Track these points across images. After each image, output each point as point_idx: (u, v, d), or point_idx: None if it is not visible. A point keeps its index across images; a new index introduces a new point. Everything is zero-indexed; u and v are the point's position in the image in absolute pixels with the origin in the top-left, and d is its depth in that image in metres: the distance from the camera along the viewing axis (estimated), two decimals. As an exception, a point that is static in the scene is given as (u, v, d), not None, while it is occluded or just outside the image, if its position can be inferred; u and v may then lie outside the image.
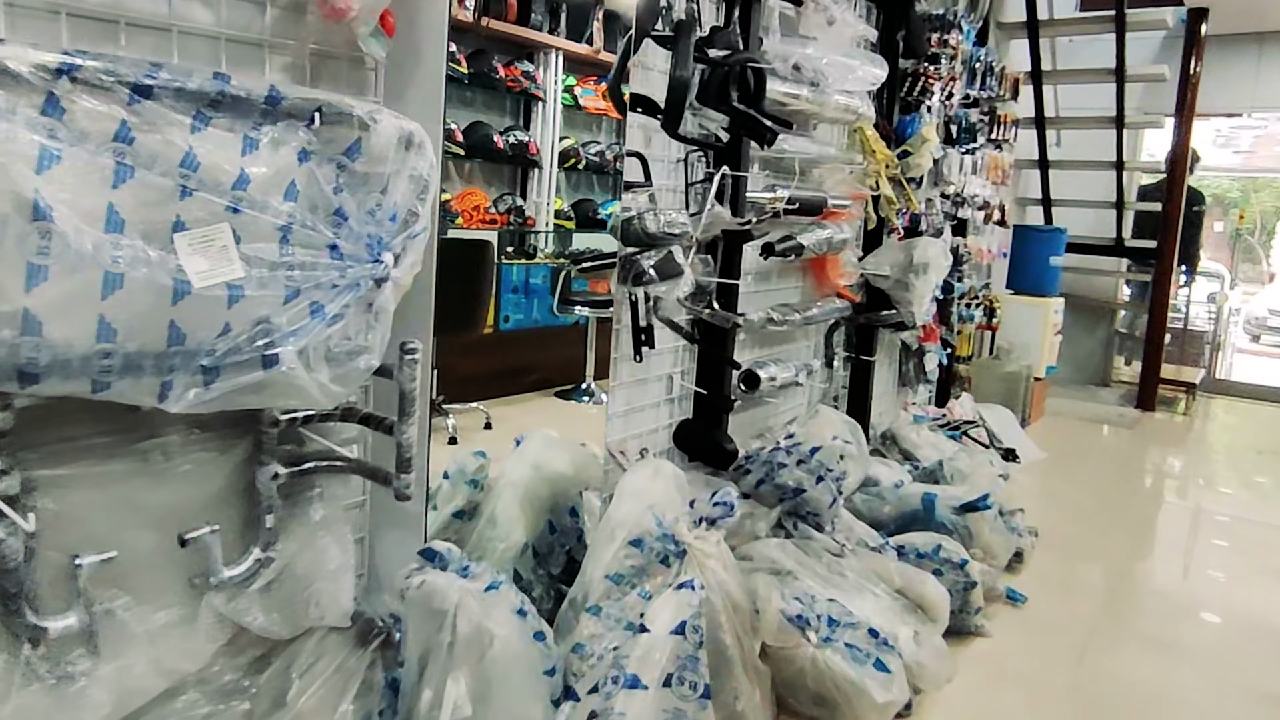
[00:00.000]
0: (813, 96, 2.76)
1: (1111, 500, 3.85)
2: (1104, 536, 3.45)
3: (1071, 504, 3.76)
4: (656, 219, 2.07)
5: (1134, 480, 4.16)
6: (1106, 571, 3.02)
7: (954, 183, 3.80)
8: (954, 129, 3.96)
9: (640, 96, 2.08)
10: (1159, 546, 3.44)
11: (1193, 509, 3.95)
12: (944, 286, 3.89)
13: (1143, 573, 3.13)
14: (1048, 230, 4.92)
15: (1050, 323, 4.91)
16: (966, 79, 4.12)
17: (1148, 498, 3.98)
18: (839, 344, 3.47)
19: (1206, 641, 2.56)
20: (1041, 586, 2.75)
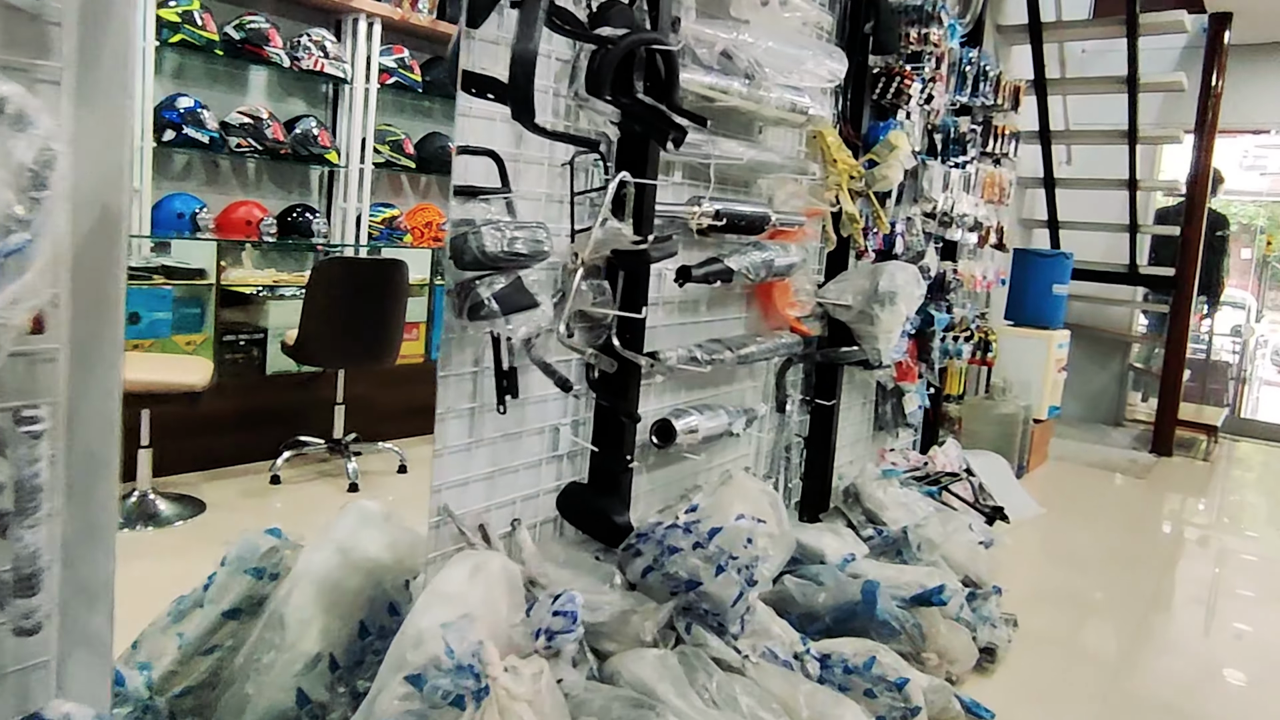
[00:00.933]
0: (748, 92, 2.28)
1: (1113, 572, 3.30)
2: (1101, 623, 2.91)
3: (1065, 577, 3.22)
4: (498, 235, 1.59)
5: (1142, 545, 3.61)
6: (1100, 674, 2.48)
7: (936, 199, 3.30)
8: (938, 139, 3.46)
9: (479, 76, 1.61)
10: (1169, 637, 2.89)
11: (1210, 585, 3.39)
12: (924, 318, 3.38)
13: (1146, 675, 2.58)
14: (1051, 255, 4.40)
15: (1053, 358, 4.38)
16: (956, 84, 3.63)
17: (1158, 568, 3.42)
18: (793, 386, 2.97)
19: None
20: (1017, 696, 2.22)
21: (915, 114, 3.28)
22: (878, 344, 2.77)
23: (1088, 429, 5.68)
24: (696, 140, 2.26)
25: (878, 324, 2.73)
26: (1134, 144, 4.46)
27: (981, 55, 3.74)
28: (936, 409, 4.13)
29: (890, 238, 3.21)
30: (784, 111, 2.41)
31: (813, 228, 2.75)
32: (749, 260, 2.33)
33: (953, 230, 3.71)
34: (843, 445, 3.44)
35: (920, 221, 3.48)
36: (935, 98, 3.17)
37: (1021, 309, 4.48)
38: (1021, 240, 5.32)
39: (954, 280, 3.85)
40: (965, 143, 3.66)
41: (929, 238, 3.54)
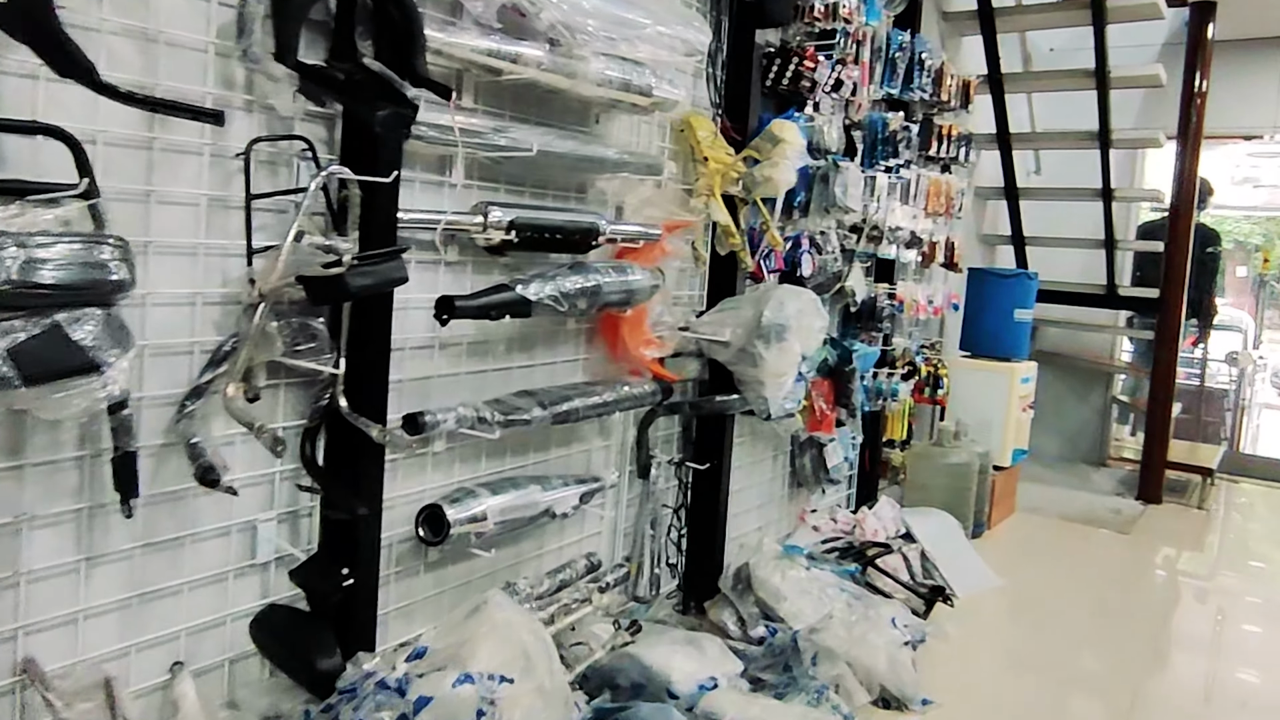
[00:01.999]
0: (552, 62, 1.70)
1: (1085, 672, 2.67)
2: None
3: (1020, 683, 2.58)
4: (19, 255, 0.99)
5: (1123, 630, 2.97)
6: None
7: (854, 209, 2.71)
8: (859, 137, 2.88)
9: None
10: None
11: (1210, 690, 2.76)
12: (841, 353, 2.78)
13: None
14: (1010, 275, 3.81)
15: (1016, 394, 3.77)
16: (885, 73, 3.06)
17: (1142, 666, 2.79)
18: (664, 443, 2.37)
19: None
20: None
21: (828, 106, 2.70)
22: (764, 390, 2.16)
23: (1066, 471, 5.06)
24: (478, 127, 1.67)
25: (762, 365, 2.13)
26: (1106, 149, 3.88)
27: (917, 41, 3.16)
28: (874, 457, 3.51)
29: (796, 255, 2.61)
30: (612, 91, 1.82)
31: (676, 244, 2.16)
32: (558, 287, 1.73)
33: (885, 246, 3.11)
34: (748, 509, 2.83)
35: (838, 236, 2.88)
36: (847, 85, 2.58)
37: (978, 338, 3.89)
38: (984, 259, 4.73)
39: (889, 306, 3.25)
40: (897, 143, 3.07)
41: (851, 256, 2.94)
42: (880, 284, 3.36)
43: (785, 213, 2.74)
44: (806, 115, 2.64)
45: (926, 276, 3.91)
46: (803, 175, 2.59)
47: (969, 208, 4.40)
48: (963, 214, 3.87)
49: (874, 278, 3.41)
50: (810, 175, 2.66)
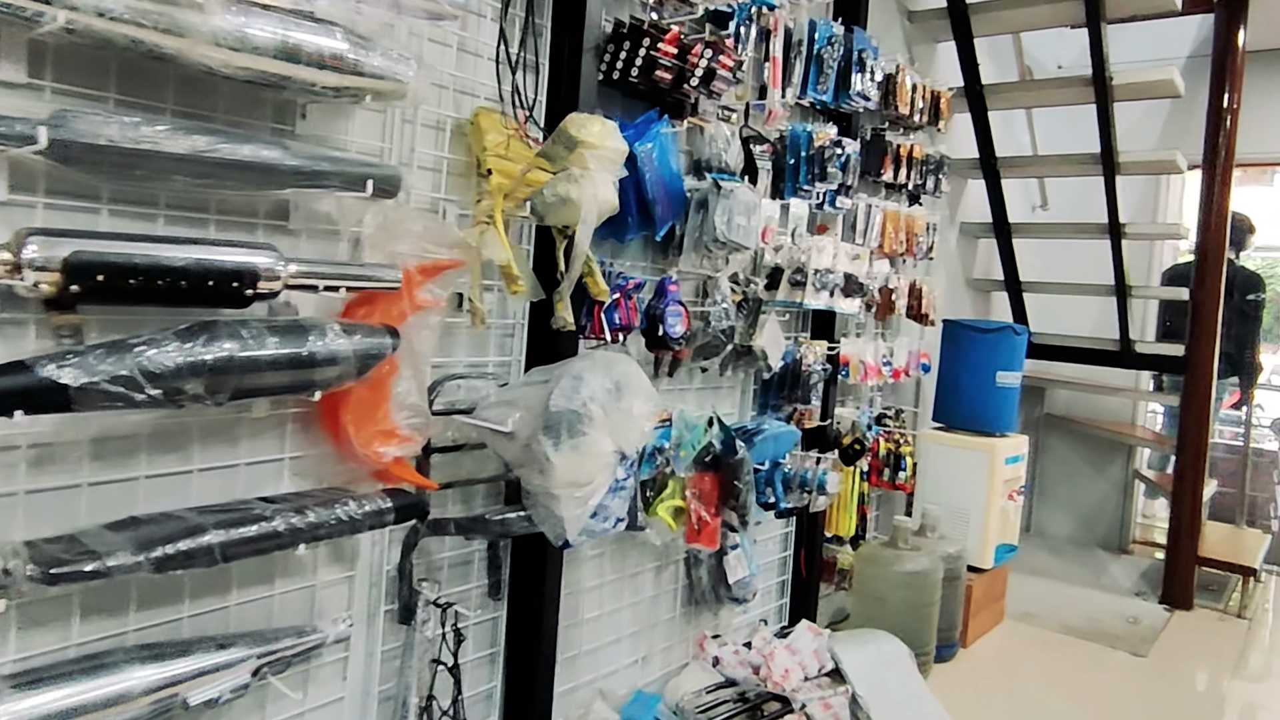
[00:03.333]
0: (134, 6, 1.08)
1: None
2: None
3: None
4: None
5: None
6: None
7: (741, 244, 2.04)
8: (761, 152, 2.22)
9: None
10: None
11: None
12: (724, 440, 2.09)
13: None
14: (990, 329, 3.10)
15: (999, 478, 3.03)
16: (810, 75, 2.41)
17: None
18: (420, 579, 1.70)
19: None
20: None
21: (712, 108, 2.06)
22: (556, 506, 1.49)
23: (1077, 559, 4.27)
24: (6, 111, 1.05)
25: (549, 472, 1.46)
26: (1112, 175, 3.18)
27: (857, 37, 2.52)
28: (812, 560, 2.80)
29: (660, 308, 1.95)
30: (259, 61, 1.19)
31: (435, 292, 1.51)
32: (137, 365, 1.09)
33: (812, 294, 2.44)
34: (618, 638, 2.14)
35: (743, 281, 2.22)
36: (720, 79, 1.93)
37: (954, 407, 3.17)
38: (975, 308, 4.01)
39: (820, 371, 2.56)
40: (825, 164, 2.41)
41: (751, 306, 2.27)
42: (817, 342, 2.68)
43: (663, 250, 2.10)
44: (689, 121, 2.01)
45: (892, 330, 3.22)
46: (675, 199, 1.95)
47: (953, 247, 3.71)
48: (935, 254, 3.18)
49: (809, 334, 2.74)
50: (686, 200, 2.01)
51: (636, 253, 2.09)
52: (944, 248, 3.70)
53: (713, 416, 2.07)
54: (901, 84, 2.82)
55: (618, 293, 1.88)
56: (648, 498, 2.03)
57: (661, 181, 1.90)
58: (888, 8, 3.11)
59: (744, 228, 2.02)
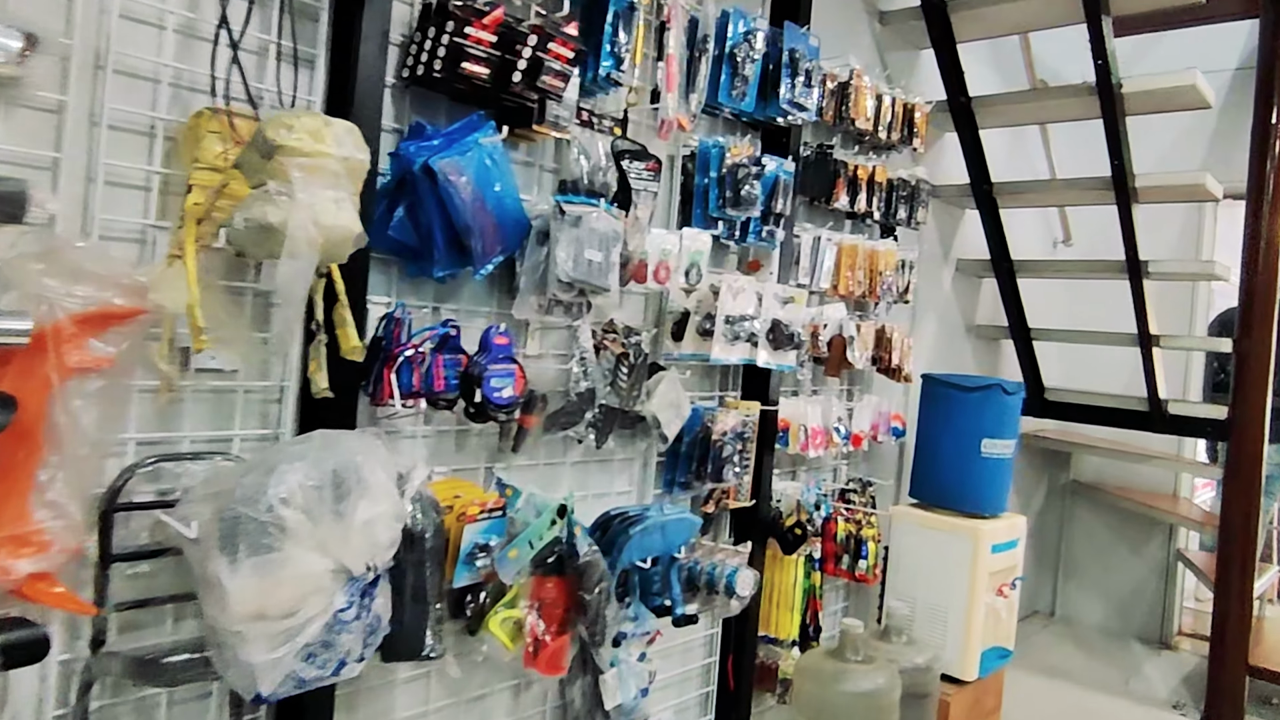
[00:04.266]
0: None
1: None
2: None
3: None
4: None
5: None
6: None
7: (601, 287, 1.62)
8: (639, 170, 1.80)
9: None
10: None
11: None
12: (567, 541, 1.65)
13: None
14: (974, 387, 2.59)
15: (982, 568, 2.51)
16: (721, 75, 2.00)
17: None
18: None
19: None
20: None
21: (569, 115, 1.66)
22: (239, 646, 1.07)
23: (1107, 654, 3.68)
24: None
25: (225, 602, 1.05)
26: (1125, 203, 2.68)
27: (790, 36, 2.10)
28: (743, 670, 2.32)
29: (479, 368, 1.54)
30: None
31: (102, 348, 1.13)
32: None
33: (723, 345, 2.00)
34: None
35: (599, 331, 1.80)
36: (552, 75, 1.53)
37: (932, 480, 2.66)
38: (980, 360, 3.51)
39: (735, 440, 2.10)
40: (739, 186, 1.99)
41: (633, 362, 1.84)
42: (746, 404, 2.23)
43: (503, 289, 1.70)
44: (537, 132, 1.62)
45: (863, 386, 2.76)
46: (507, 228, 1.55)
47: (947, 288, 3.24)
48: (914, 297, 2.72)
49: (739, 393, 2.29)
50: (527, 229, 1.61)
51: (478, 294, 1.69)
52: (935, 289, 3.22)
53: (564, 503, 1.64)
54: (858, 93, 2.39)
55: (420, 346, 1.48)
56: (482, 605, 1.60)
57: (481, 205, 1.50)
58: (853, 7, 2.69)
59: (598, 265, 1.60)
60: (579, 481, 1.96)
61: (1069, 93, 2.65)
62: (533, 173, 1.78)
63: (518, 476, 1.82)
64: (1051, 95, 2.74)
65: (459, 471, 1.71)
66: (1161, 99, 2.55)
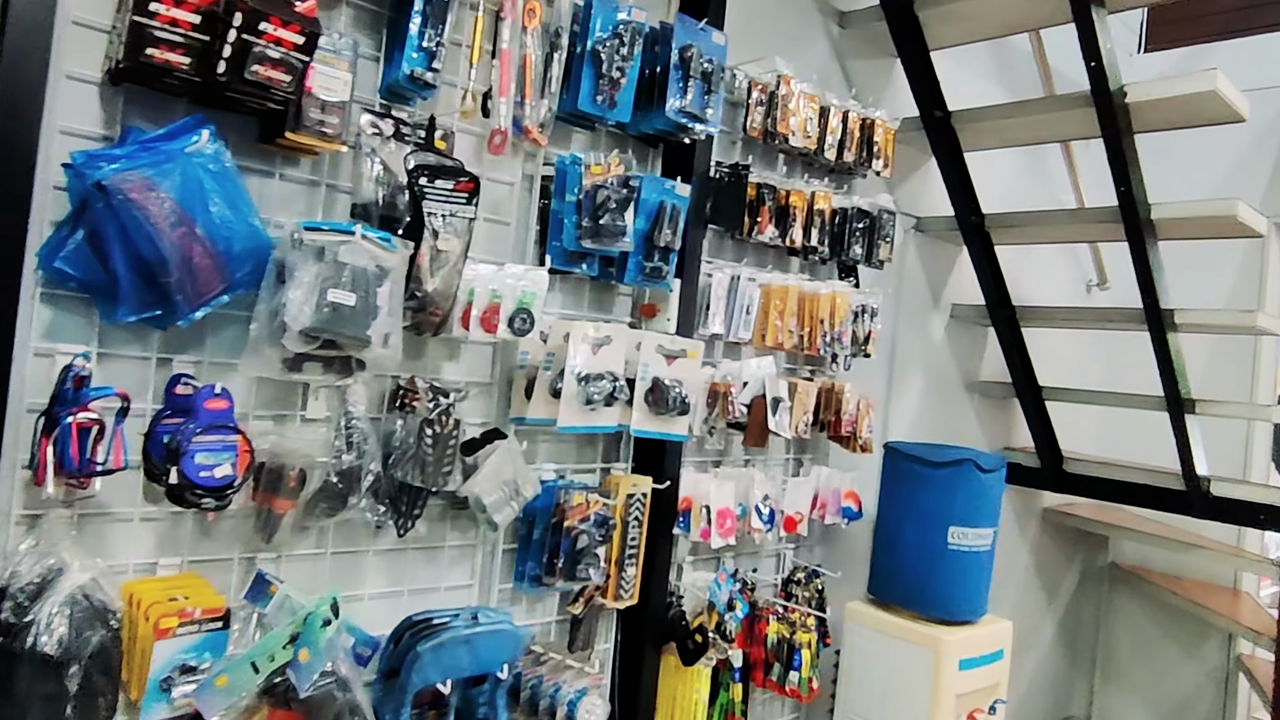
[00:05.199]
0: None
1: None
2: None
3: None
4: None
5: None
6: None
7: (357, 338, 1.28)
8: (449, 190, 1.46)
9: None
10: None
11: None
12: (293, 667, 1.28)
13: None
14: (941, 462, 2.12)
15: (947, 688, 2.04)
16: (580, 77, 1.66)
17: None
18: None
19: None
20: None
21: (340, 121, 1.34)
22: None
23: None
24: None
25: None
26: (1137, 237, 2.21)
27: (683, 33, 1.75)
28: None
29: (185, 436, 1.21)
30: None
31: None
32: None
33: (574, 410, 1.63)
34: None
35: (403, 390, 1.46)
36: (268, 65, 1.22)
37: (890, 574, 2.20)
38: (985, 424, 3.03)
39: (597, 529, 1.71)
40: (599, 212, 1.63)
41: (438, 429, 1.48)
42: (636, 478, 1.85)
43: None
44: (291, 141, 1.31)
45: (812, 456, 2.35)
46: (227, 261, 1.23)
47: (939, 339, 2.80)
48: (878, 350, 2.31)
49: (630, 466, 1.92)
50: (262, 264, 1.28)
51: (233, 342, 1.37)
52: (921, 340, 2.78)
53: (322, 612, 1.29)
54: (786, 103, 2.02)
55: (94, 411, 1.16)
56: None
57: (188, 231, 1.18)
58: (802, 7, 2.32)
59: (349, 309, 1.26)
60: (392, 575, 1.61)
61: (1062, 104, 2.21)
62: (317, 195, 1.46)
63: (298, 569, 1.48)
64: (1041, 108, 2.30)
65: (203, 564, 1.38)
66: (1178, 110, 2.08)
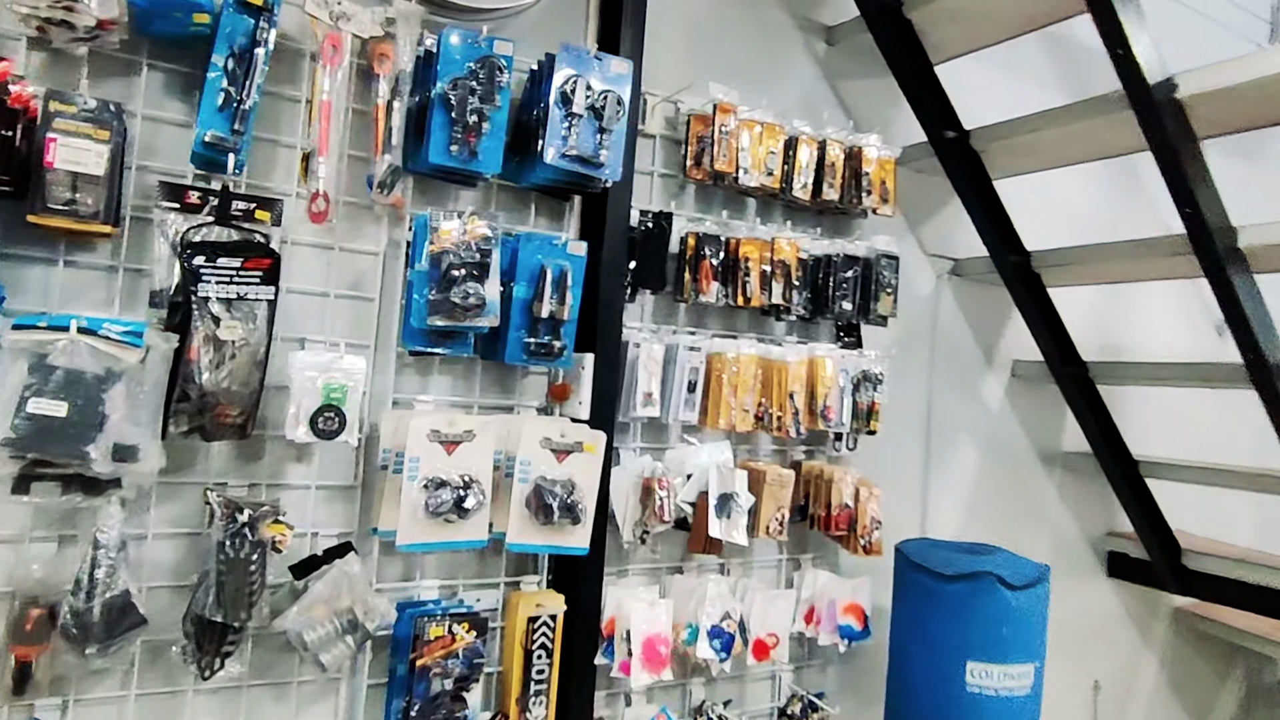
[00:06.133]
0: None
1: None
2: None
3: None
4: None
5: None
6: None
7: (71, 457, 1.08)
8: (236, 271, 1.25)
9: None
10: None
11: None
12: None
13: None
14: (956, 576, 1.64)
15: None
16: (429, 126, 1.44)
17: None
18: None
19: None
20: None
21: (100, 197, 1.17)
22: None
23: None
24: None
25: None
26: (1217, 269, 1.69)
27: (566, 60, 1.49)
28: None
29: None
30: None
31: None
32: None
33: (415, 523, 1.37)
34: None
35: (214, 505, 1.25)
36: None
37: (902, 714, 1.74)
38: (1073, 506, 2.50)
39: (461, 666, 1.42)
40: (448, 282, 1.38)
41: (230, 553, 1.25)
42: (545, 595, 1.56)
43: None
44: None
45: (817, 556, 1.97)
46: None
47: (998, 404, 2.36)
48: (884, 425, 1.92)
49: (544, 580, 1.63)
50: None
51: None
52: (971, 405, 2.33)
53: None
54: (735, 136, 1.70)
55: None
56: None
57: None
58: (779, 28, 2.01)
59: (61, 423, 1.06)
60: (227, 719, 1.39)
61: (1094, 110, 1.75)
62: (115, 281, 1.29)
63: (94, 716, 1.29)
64: (1070, 116, 1.82)
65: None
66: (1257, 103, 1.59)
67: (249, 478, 1.40)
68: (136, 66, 1.31)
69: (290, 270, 1.42)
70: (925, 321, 2.23)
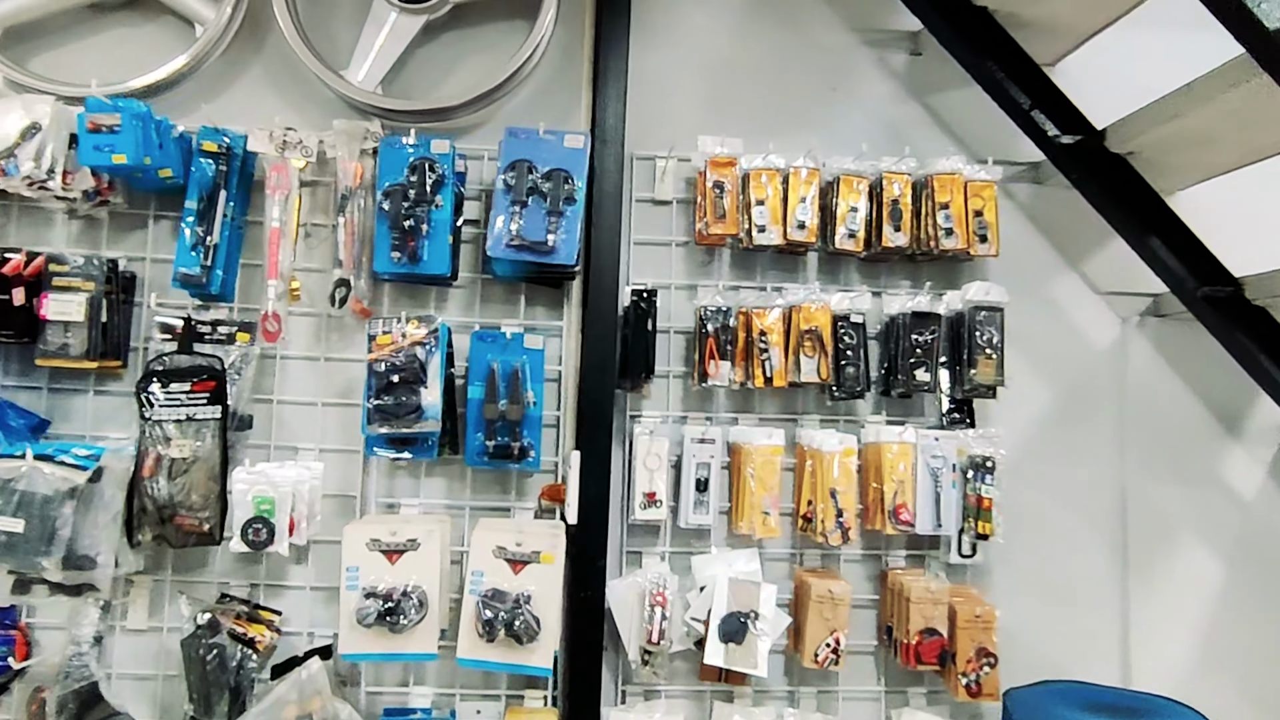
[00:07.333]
0: None
1: None
2: None
3: None
4: None
5: None
6: None
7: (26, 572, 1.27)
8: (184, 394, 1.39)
9: None
10: None
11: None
12: None
13: None
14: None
15: None
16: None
17: None
18: None
19: None
20: None
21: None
22: None
23: None
24: None
25: None
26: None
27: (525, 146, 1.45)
28: None
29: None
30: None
31: None
32: None
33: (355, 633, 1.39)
34: None
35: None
36: None
37: None
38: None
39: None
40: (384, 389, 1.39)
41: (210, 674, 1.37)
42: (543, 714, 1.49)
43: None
44: None
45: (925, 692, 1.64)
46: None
47: (1257, 485, 1.78)
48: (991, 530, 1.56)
49: (550, 696, 1.55)
50: None
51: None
52: (1194, 495, 1.72)
53: None
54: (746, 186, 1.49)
55: None
56: None
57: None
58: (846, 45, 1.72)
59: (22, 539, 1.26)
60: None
61: (1225, 83, 1.18)
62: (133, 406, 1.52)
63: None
64: (1203, 94, 1.23)
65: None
66: None
67: (251, 578, 1.53)
68: (144, 220, 1.55)
69: (283, 383, 1.55)
70: (1106, 382, 1.71)
